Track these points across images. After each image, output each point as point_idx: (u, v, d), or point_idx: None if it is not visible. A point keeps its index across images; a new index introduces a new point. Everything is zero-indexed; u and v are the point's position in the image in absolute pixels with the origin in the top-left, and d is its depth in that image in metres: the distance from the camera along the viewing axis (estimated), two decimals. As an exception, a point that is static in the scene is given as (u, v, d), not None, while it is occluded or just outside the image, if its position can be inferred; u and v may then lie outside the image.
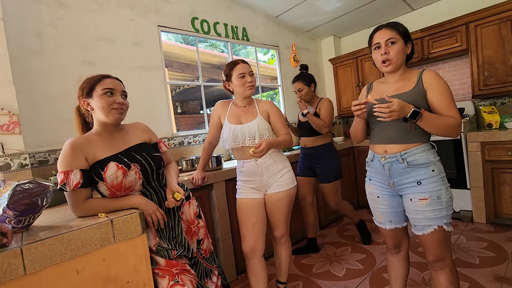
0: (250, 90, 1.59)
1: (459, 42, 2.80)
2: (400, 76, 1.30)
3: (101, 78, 1.13)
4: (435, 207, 1.18)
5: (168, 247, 1.14)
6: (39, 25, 1.89)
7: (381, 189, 1.35)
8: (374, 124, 1.34)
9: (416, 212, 1.22)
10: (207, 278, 1.32)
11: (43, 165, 1.86)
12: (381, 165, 1.30)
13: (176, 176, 1.30)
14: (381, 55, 1.25)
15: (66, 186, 1.00)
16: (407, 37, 1.27)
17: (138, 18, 2.36)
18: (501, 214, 2.52)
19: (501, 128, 2.61)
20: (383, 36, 1.25)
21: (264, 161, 1.59)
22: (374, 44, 1.29)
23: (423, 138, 1.24)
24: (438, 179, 1.20)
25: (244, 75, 1.58)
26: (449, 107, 1.18)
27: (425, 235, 1.22)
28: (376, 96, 1.34)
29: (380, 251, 2.33)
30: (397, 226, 1.36)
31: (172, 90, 5.77)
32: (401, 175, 1.25)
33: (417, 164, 1.21)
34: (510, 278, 1.78)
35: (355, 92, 3.72)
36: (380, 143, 1.31)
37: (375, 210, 1.41)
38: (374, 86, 1.43)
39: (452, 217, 1.23)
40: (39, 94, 1.87)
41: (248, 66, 1.61)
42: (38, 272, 0.83)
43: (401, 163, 1.23)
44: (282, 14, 3.40)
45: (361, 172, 3.46)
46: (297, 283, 2.02)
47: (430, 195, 1.19)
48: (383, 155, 1.29)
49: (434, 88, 1.20)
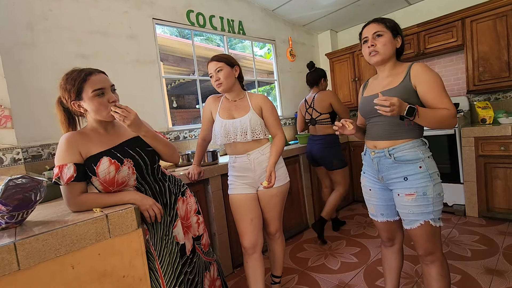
0: (219, 89, 1.57)
1: (454, 37, 2.81)
2: (390, 71, 1.30)
3: (85, 78, 1.05)
4: (421, 203, 1.20)
5: (152, 258, 1.12)
6: (30, 17, 1.84)
7: (373, 182, 1.38)
8: (367, 121, 1.37)
9: (403, 206, 1.25)
10: (206, 271, 1.36)
11: (37, 159, 1.83)
12: (371, 159, 1.34)
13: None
14: (368, 47, 1.26)
15: (60, 180, 1.00)
16: (395, 30, 1.27)
17: (132, 10, 2.31)
18: (493, 208, 2.56)
19: (495, 123, 2.63)
20: (370, 30, 1.27)
21: (257, 157, 1.58)
22: (363, 39, 1.31)
23: (413, 134, 1.24)
24: (425, 175, 1.20)
25: (212, 75, 1.57)
26: (441, 99, 1.16)
27: (413, 229, 1.24)
28: (367, 93, 1.36)
29: (375, 245, 2.36)
30: (389, 219, 1.39)
31: (168, 84, 5.71)
32: (388, 170, 1.27)
33: (404, 160, 1.22)
34: (501, 270, 1.82)
35: (351, 87, 3.72)
36: (371, 139, 1.34)
37: (368, 203, 1.44)
38: (369, 83, 1.44)
39: (444, 211, 1.25)
40: (32, 88, 1.83)
41: (214, 64, 1.55)
42: (32, 267, 0.83)
43: (388, 158, 1.25)
44: (279, 8, 3.37)
45: (356, 167, 3.48)
46: (293, 276, 2.04)
47: (416, 191, 1.20)
48: (372, 149, 1.32)
49: (422, 81, 1.18)
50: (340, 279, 1.94)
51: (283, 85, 3.63)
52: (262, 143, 1.60)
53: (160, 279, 1.11)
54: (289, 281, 1.98)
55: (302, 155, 2.82)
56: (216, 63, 1.55)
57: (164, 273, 1.12)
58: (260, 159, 1.58)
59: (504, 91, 2.88)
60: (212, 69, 1.56)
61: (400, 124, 1.23)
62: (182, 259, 1.21)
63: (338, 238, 2.60)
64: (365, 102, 1.35)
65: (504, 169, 2.45)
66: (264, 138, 1.61)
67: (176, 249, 1.19)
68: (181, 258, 1.21)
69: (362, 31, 1.32)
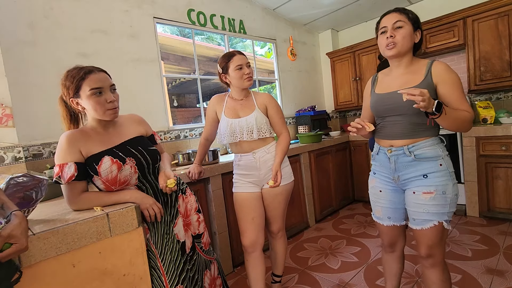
0: (248, 82, 1.57)
1: (456, 36, 2.80)
2: (406, 67, 1.22)
3: (84, 76, 1.04)
4: (439, 202, 1.14)
5: (154, 256, 1.13)
6: (31, 16, 1.84)
7: (385, 183, 1.31)
8: (380, 119, 1.29)
9: (417, 205, 1.18)
10: (207, 269, 1.36)
11: (37, 158, 1.84)
12: (387, 158, 1.26)
13: (168, 163, 1.30)
14: (386, 38, 1.17)
15: (61, 179, 1.00)
16: (416, 23, 1.19)
17: (133, 9, 2.31)
18: (493, 208, 2.56)
19: (496, 123, 2.63)
20: (391, 19, 1.17)
21: (262, 156, 1.58)
22: (381, 28, 1.21)
23: (431, 133, 1.19)
24: (445, 173, 1.15)
25: (241, 66, 1.54)
26: (462, 101, 1.11)
27: (423, 229, 1.18)
28: (381, 90, 1.28)
29: (375, 244, 2.36)
30: (395, 223, 1.33)
31: (168, 83, 5.71)
32: (406, 168, 1.21)
33: (424, 158, 1.17)
34: (502, 270, 1.82)
35: (352, 87, 3.72)
36: (386, 138, 1.27)
37: (375, 204, 1.37)
38: (379, 78, 1.35)
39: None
40: (33, 86, 1.84)
41: (245, 58, 1.58)
42: (33, 265, 0.83)
43: (408, 155, 1.19)
44: (280, 7, 3.36)
45: (356, 166, 3.48)
46: (293, 276, 2.04)
47: (435, 189, 1.14)
48: (389, 147, 1.25)
49: (445, 81, 1.12)
50: (340, 279, 1.94)
51: (284, 84, 3.62)
52: (267, 141, 1.61)
53: (162, 277, 1.11)
54: (289, 280, 1.99)
55: (303, 154, 2.82)
56: (247, 58, 1.58)
57: (166, 271, 1.12)
58: (266, 157, 1.58)
59: (505, 90, 2.88)
60: (243, 62, 1.56)
61: (419, 123, 1.17)
62: (183, 257, 1.22)
63: (338, 237, 2.60)
64: (380, 99, 1.26)
65: (505, 169, 2.45)
66: (270, 137, 1.62)
67: (177, 247, 1.19)
68: (182, 256, 1.22)
69: (381, 20, 1.22)
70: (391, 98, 1.20)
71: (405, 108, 1.15)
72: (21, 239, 0.73)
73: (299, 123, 3.55)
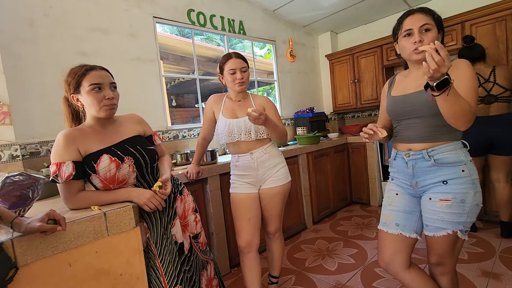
0: (240, 87, 1.57)
1: (454, 40, 2.82)
2: None
3: (85, 72, 1.07)
4: (455, 211, 1.07)
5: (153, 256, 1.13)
6: (30, 14, 1.84)
7: (402, 189, 1.25)
8: (397, 123, 1.24)
9: (432, 211, 1.11)
10: (204, 270, 1.36)
11: (35, 156, 1.83)
12: (405, 163, 1.18)
13: (169, 168, 1.29)
14: (414, 43, 1.08)
15: (58, 178, 0.99)
16: (440, 24, 1.12)
17: (132, 8, 2.31)
18: (490, 211, 2.57)
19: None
20: (417, 21, 1.08)
21: (259, 156, 1.59)
22: (405, 31, 1.11)
23: (453, 136, 1.11)
24: (467, 180, 1.07)
25: (234, 71, 1.54)
26: (470, 93, 1.03)
27: (435, 237, 1.11)
28: (398, 92, 1.23)
29: (372, 246, 2.37)
30: (403, 232, 1.19)
31: (167, 83, 5.70)
32: (425, 174, 1.13)
33: (445, 163, 1.09)
34: (497, 273, 1.83)
35: (351, 89, 3.73)
36: (403, 142, 1.20)
37: (386, 208, 1.28)
38: (397, 80, 1.28)
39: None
40: (31, 84, 1.83)
41: (241, 61, 1.56)
42: (29, 264, 0.83)
43: (427, 160, 1.11)
44: (280, 8, 3.37)
45: (354, 168, 3.49)
46: (290, 277, 2.04)
47: (454, 196, 1.07)
48: (407, 151, 1.18)
49: (460, 73, 1.05)
50: (337, 280, 1.95)
51: (283, 85, 3.63)
52: (265, 142, 1.62)
53: (161, 277, 1.11)
54: (286, 282, 1.99)
55: (301, 156, 2.82)
56: (243, 62, 1.58)
57: (165, 272, 1.12)
58: (263, 158, 1.59)
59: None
60: (237, 66, 1.55)
61: (439, 125, 1.10)
62: (181, 258, 1.21)
63: (335, 239, 2.60)
64: (396, 102, 1.21)
65: (502, 172, 2.45)
66: (267, 138, 1.63)
67: (175, 248, 1.19)
68: (180, 257, 1.21)
69: (404, 21, 1.12)
70: (408, 100, 1.15)
71: (423, 110, 1.10)
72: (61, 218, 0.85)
73: (297, 124, 3.56)
